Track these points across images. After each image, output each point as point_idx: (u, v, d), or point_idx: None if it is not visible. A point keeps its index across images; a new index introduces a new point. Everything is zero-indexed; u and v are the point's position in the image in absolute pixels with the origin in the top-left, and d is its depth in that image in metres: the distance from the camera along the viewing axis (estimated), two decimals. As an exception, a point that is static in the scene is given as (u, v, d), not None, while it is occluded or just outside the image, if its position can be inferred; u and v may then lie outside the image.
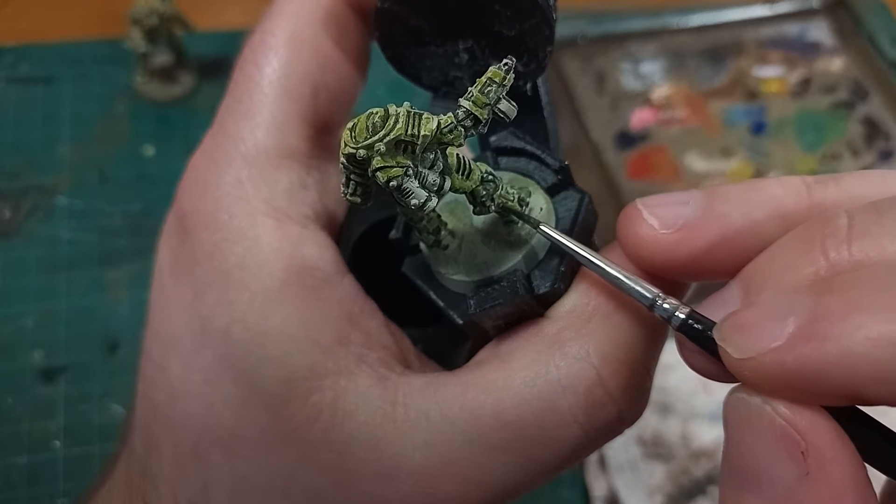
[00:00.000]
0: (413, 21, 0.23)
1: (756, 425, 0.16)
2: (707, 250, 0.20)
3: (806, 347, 0.15)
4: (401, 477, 0.21)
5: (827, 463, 0.15)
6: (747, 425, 0.17)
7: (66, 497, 0.50)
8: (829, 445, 0.16)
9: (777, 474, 0.16)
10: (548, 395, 0.21)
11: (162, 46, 0.66)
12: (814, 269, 0.17)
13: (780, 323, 0.16)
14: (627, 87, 0.74)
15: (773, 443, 0.16)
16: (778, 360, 0.16)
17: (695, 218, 0.20)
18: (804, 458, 0.16)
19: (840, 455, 0.16)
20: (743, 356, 0.16)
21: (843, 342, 0.15)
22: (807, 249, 0.17)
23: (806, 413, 0.16)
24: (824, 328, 0.15)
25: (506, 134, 0.25)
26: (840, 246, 0.17)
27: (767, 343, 0.16)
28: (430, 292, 0.24)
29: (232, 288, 0.22)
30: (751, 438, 0.17)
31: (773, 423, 0.16)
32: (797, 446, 0.16)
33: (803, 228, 0.18)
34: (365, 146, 0.18)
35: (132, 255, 0.60)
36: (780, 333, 0.16)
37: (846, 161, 0.71)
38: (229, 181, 0.23)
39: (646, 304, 0.20)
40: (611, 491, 0.52)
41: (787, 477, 0.16)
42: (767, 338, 0.16)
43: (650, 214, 0.20)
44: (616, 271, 0.20)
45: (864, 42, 0.77)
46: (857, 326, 0.15)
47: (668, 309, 0.19)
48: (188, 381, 0.23)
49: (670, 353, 0.63)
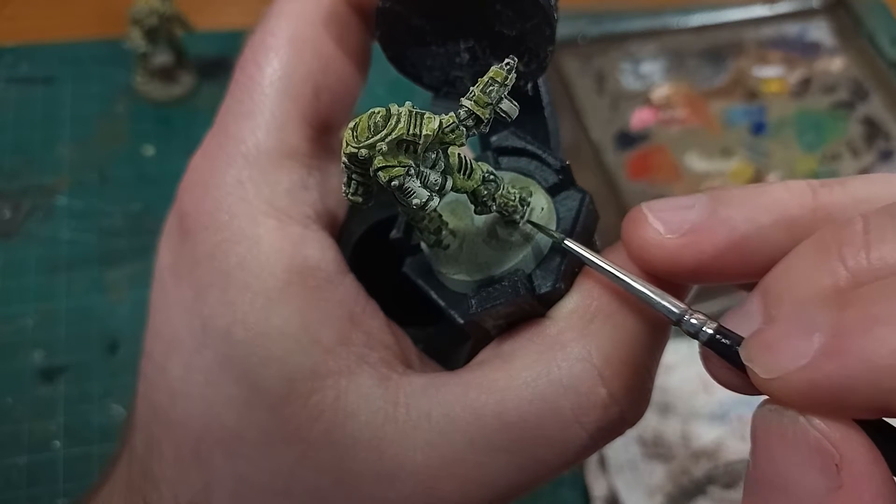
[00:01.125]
0: (414, 21, 0.23)
1: (788, 438, 0.16)
2: (713, 255, 0.20)
3: (832, 364, 0.15)
4: (402, 477, 0.21)
5: (859, 476, 0.15)
6: (778, 437, 0.17)
7: (66, 497, 0.50)
8: (862, 459, 0.16)
9: (808, 487, 0.16)
10: (549, 395, 0.21)
11: (162, 46, 0.66)
12: (833, 279, 0.17)
13: (804, 340, 0.16)
14: (627, 87, 0.74)
15: (806, 455, 0.16)
16: (805, 378, 0.16)
17: (700, 222, 0.20)
18: (837, 471, 0.15)
19: (873, 469, 0.16)
20: (771, 376, 0.16)
21: (867, 356, 0.15)
22: (824, 259, 0.17)
23: (839, 426, 0.16)
24: (848, 343, 0.15)
25: (507, 134, 0.25)
26: (858, 254, 0.17)
27: (794, 362, 0.16)
28: (431, 292, 0.24)
29: (233, 288, 0.22)
30: (781, 451, 0.16)
31: (807, 435, 0.16)
32: (831, 459, 0.16)
33: (819, 237, 0.18)
34: (367, 146, 0.18)
35: (132, 255, 0.60)
36: (806, 351, 0.16)
37: (846, 161, 0.71)
38: (230, 181, 0.23)
39: (673, 318, 0.20)
40: (611, 491, 0.52)
41: (818, 490, 0.16)
42: (793, 356, 0.16)
43: (655, 219, 0.20)
44: (642, 286, 0.20)
45: (864, 42, 0.77)
46: (880, 339, 0.15)
47: (696, 324, 0.19)
48: (189, 382, 0.22)
49: (670, 354, 0.63)
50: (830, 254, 0.17)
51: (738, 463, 0.53)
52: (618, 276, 0.21)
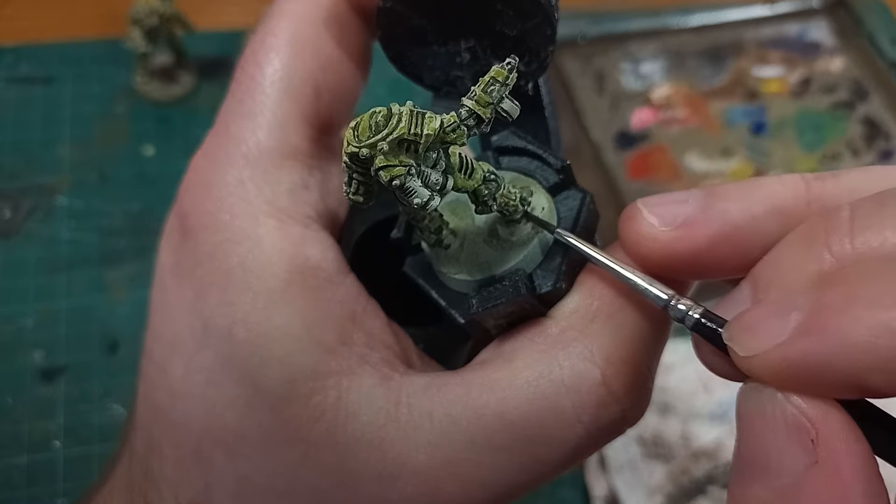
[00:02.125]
0: (415, 20, 0.23)
1: (767, 414, 0.17)
2: (707, 247, 0.20)
3: (808, 342, 0.16)
4: (404, 477, 0.21)
5: (836, 453, 0.16)
6: (759, 415, 0.17)
7: (66, 497, 0.50)
8: (839, 435, 0.16)
9: (786, 464, 0.16)
10: (551, 394, 0.21)
11: (162, 46, 0.66)
12: (818, 265, 0.17)
13: (782, 319, 0.16)
14: (627, 87, 0.74)
15: (784, 431, 0.16)
16: (782, 356, 0.16)
17: (694, 215, 0.20)
18: (813, 447, 0.16)
19: (850, 446, 0.16)
20: (749, 354, 0.17)
21: (843, 334, 0.15)
22: (810, 245, 0.18)
23: (818, 403, 0.16)
24: (825, 322, 0.15)
25: (507, 133, 0.25)
26: (843, 239, 0.17)
27: (772, 340, 0.16)
28: (431, 292, 0.24)
29: (234, 288, 0.22)
30: (761, 428, 0.17)
31: (785, 411, 0.16)
32: (807, 434, 0.16)
33: (807, 224, 0.18)
34: (368, 145, 0.18)
35: (132, 255, 0.60)
36: (783, 330, 0.16)
37: (846, 161, 0.71)
38: (231, 181, 0.23)
39: (660, 304, 0.20)
40: (611, 491, 0.51)
41: (795, 466, 0.16)
42: (771, 335, 0.16)
43: (650, 213, 0.21)
44: (630, 273, 0.20)
45: (864, 42, 0.77)
46: (855, 318, 0.15)
47: (683, 309, 0.19)
48: (190, 382, 0.22)
49: (670, 353, 0.63)
50: (817, 240, 0.17)
51: (739, 463, 0.53)
52: (607, 265, 0.21)
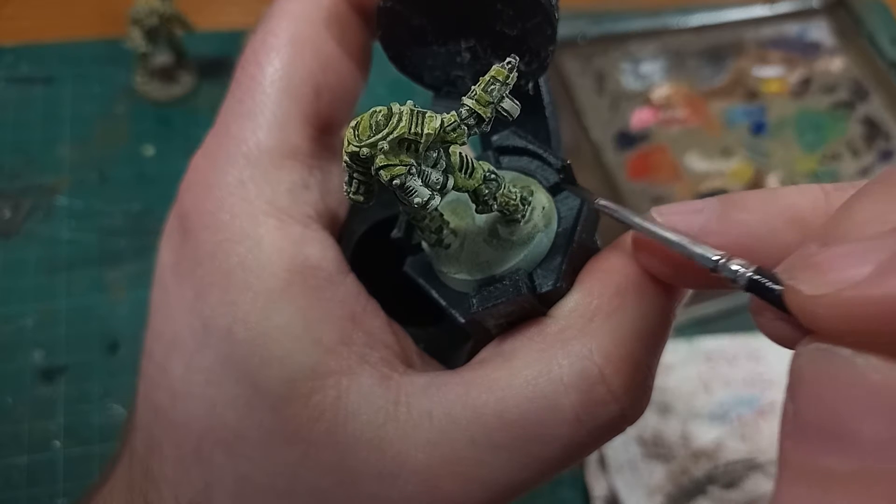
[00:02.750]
0: (415, 20, 0.23)
1: (843, 379, 0.14)
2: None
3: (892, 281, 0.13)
4: (404, 476, 0.21)
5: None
6: (830, 380, 0.15)
7: (66, 497, 0.50)
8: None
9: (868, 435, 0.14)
10: (551, 393, 0.21)
11: (162, 46, 0.66)
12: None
13: (861, 259, 0.14)
14: (627, 87, 0.74)
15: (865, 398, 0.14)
16: (861, 295, 0.14)
17: (710, 225, 0.19)
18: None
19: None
20: (818, 292, 0.14)
21: None
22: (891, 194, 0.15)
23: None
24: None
25: (507, 133, 0.25)
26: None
27: (848, 278, 0.14)
28: (432, 291, 0.24)
29: (234, 288, 0.22)
30: (835, 395, 0.15)
31: (865, 376, 0.14)
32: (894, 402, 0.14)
33: (884, 174, 0.16)
34: (368, 144, 0.18)
35: (132, 255, 0.60)
36: (862, 269, 0.14)
37: (846, 161, 0.71)
38: (231, 181, 0.23)
39: (710, 265, 0.18)
40: (611, 491, 0.52)
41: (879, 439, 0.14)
42: (848, 273, 0.14)
43: (665, 223, 0.20)
44: (676, 237, 0.19)
45: (864, 42, 0.77)
46: None
47: (735, 270, 0.18)
48: (190, 382, 0.22)
49: (670, 353, 0.63)
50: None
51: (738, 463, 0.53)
52: (652, 230, 0.20)
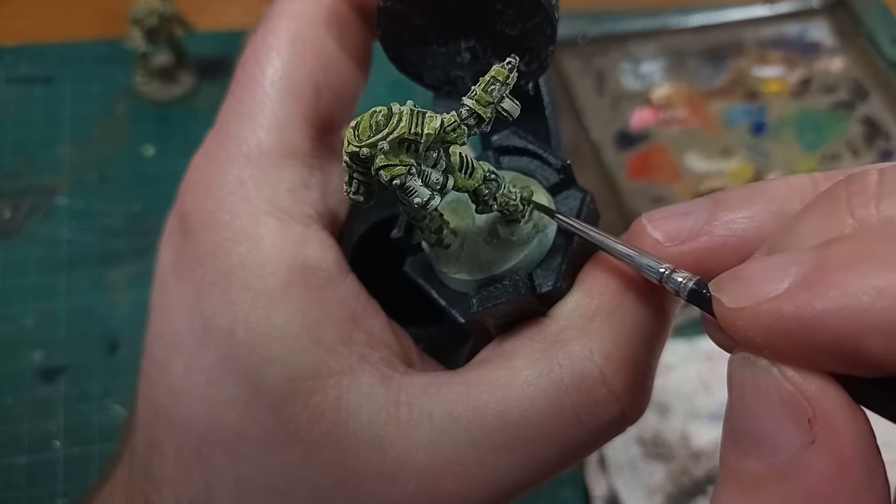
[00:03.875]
0: (415, 20, 0.23)
1: (761, 388, 0.16)
2: (713, 259, 0.19)
3: (806, 295, 0.14)
4: (405, 476, 0.21)
5: (835, 432, 0.15)
6: (752, 387, 0.16)
7: (66, 497, 0.50)
8: (837, 413, 0.15)
9: (781, 441, 0.15)
10: (551, 393, 0.21)
11: (162, 46, 0.66)
12: (838, 229, 0.16)
13: (781, 272, 0.15)
14: (627, 87, 0.74)
15: (779, 408, 0.15)
16: (775, 309, 0.15)
17: (698, 228, 0.20)
18: (810, 426, 0.15)
19: (849, 424, 0.15)
20: (737, 305, 0.16)
21: (846, 290, 0.14)
22: (832, 210, 0.16)
23: (815, 379, 0.15)
24: (828, 276, 0.14)
25: (507, 133, 0.25)
26: (868, 203, 0.16)
27: (766, 292, 0.15)
28: (432, 291, 0.24)
29: (234, 288, 0.22)
30: (755, 401, 0.16)
31: (780, 386, 0.15)
32: (804, 413, 0.15)
33: (831, 188, 0.17)
34: (368, 144, 0.18)
35: (132, 255, 0.60)
36: (780, 282, 0.15)
37: (846, 161, 0.71)
38: (231, 181, 0.23)
39: (655, 277, 0.19)
40: (611, 491, 0.52)
41: (791, 444, 0.15)
42: (765, 286, 0.15)
43: (654, 229, 0.20)
44: (625, 247, 0.20)
45: (864, 42, 0.77)
46: (863, 274, 0.14)
47: (679, 280, 0.19)
48: (190, 382, 0.22)
49: (670, 353, 0.63)
50: (840, 204, 0.16)
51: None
52: (603, 241, 0.20)
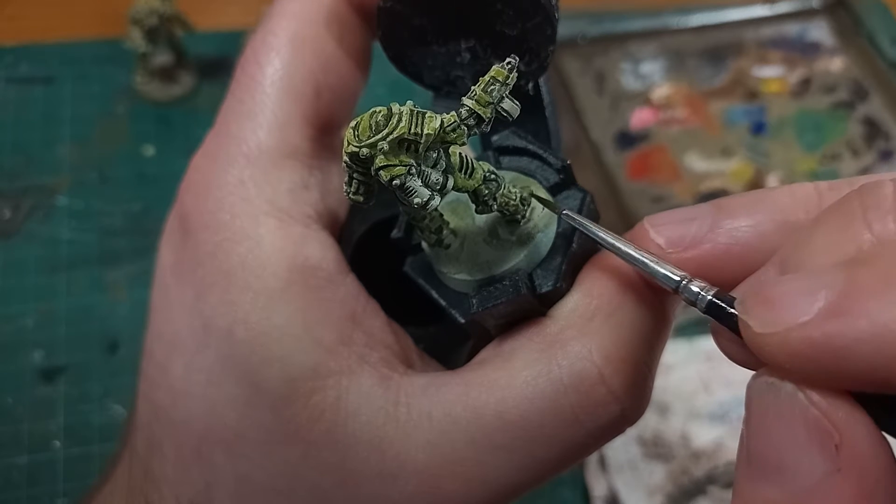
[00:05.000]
0: (415, 20, 0.23)
1: (785, 413, 0.15)
2: (715, 266, 0.19)
3: (836, 323, 0.14)
4: (404, 477, 0.21)
5: (861, 459, 0.14)
6: (775, 412, 0.15)
7: (66, 497, 0.50)
8: (863, 440, 0.15)
9: (804, 467, 0.15)
10: (550, 393, 0.21)
11: (162, 46, 0.66)
12: (856, 245, 0.15)
13: (809, 297, 0.15)
14: (627, 87, 0.74)
15: (804, 434, 0.15)
16: (805, 336, 0.14)
17: (701, 235, 0.19)
18: (836, 453, 0.14)
19: (875, 451, 0.15)
20: (766, 330, 0.15)
21: (876, 318, 0.14)
22: (848, 224, 0.16)
23: (841, 404, 0.15)
24: (857, 303, 0.14)
25: (507, 133, 0.25)
26: (885, 217, 0.15)
27: (794, 318, 0.15)
28: (431, 291, 0.24)
29: (234, 288, 0.22)
30: (777, 427, 0.15)
31: (806, 412, 0.15)
32: (830, 439, 0.15)
33: (843, 201, 0.17)
34: (368, 145, 0.18)
35: (132, 255, 0.60)
36: (809, 308, 0.15)
37: (846, 161, 0.71)
38: (231, 181, 0.23)
39: (671, 286, 0.19)
40: (611, 491, 0.52)
41: (814, 471, 0.15)
42: (794, 312, 0.15)
43: (657, 234, 0.20)
44: (639, 253, 0.20)
45: (864, 42, 0.77)
46: (892, 302, 0.14)
47: (695, 290, 0.18)
48: (190, 382, 0.22)
49: (670, 353, 0.63)
50: (855, 218, 0.16)
51: (739, 463, 0.53)
52: (617, 246, 0.20)
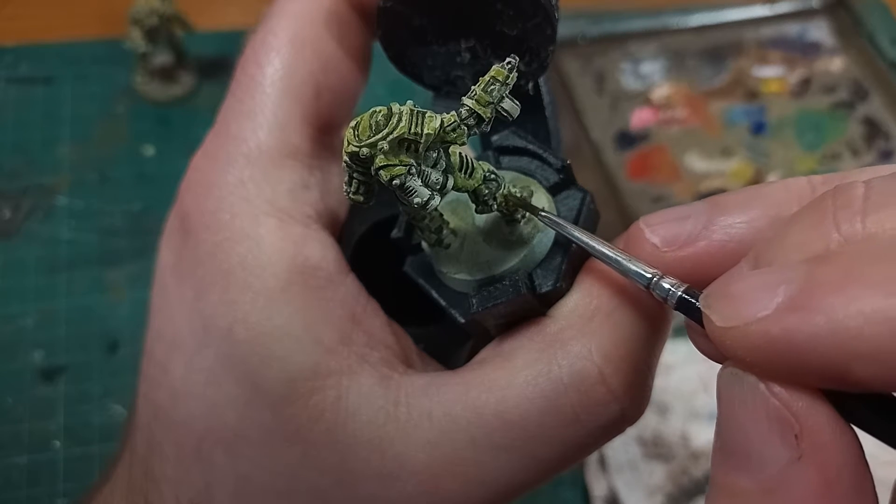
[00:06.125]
0: (415, 20, 0.23)
1: (749, 404, 0.16)
2: (711, 264, 0.19)
3: (794, 318, 0.14)
4: (404, 477, 0.21)
5: (821, 448, 0.15)
6: (740, 403, 0.16)
7: (66, 497, 0.50)
8: (824, 430, 0.15)
9: (769, 456, 0.15)
10: (550, 393, 0.21)
11: (162, 46, 0.66)
12: (824, 244, 0.16)
13: (770, 292, 0.15)
14: (627, 87, 0.74)
15: (766, 423, 0.15)
16: (763, 331, 0.15)
17: (696, 233, 0.19)
18: (797, 442, 0.15)
19: (836, 440, 0.15)
20: (727, 325, 0.16)
21: (834, 314, 0.14)
22: (818, 223, 0.16)
23: (802, 395, 0.15)
24: (816, 299, 0.14)
25: (507, 133, 0.25)
26: (853, 218, 0.16)
27: (754, 312, 0.15)
28: (432, 291, 0.24)
29: (234, 288, 0.22)
30: (743, 417, 0.16)
31: (767, 402, 0.15)
32: (790, 429, 0.15)
33: (818, 199, 0.17)
34: (368, 144, 0.18)
35: (132, 255, 0.60)
36: (769, 303, 0.15)
37: (846, 161, 0.71)
38: (231, 181, 0.23)
39: (642, 283, 0.19)
40: (611, 491, 0.52)
41: (778, 460, 0.15)
42: (755, 307, 0.15)
43: (652, 233, 0.20)
44: (611, 251, 0.20)
45: (864, 42, 0.77)
46: (851, 298, 0.14)
47: (666, 287, 0.19)
48: (190, 382, 0.22)
49: (670, 353, 0.63)
50: (826, 217, 0.16)
51: (739, 463, 0.53)
52: (591, 245, 0.20)
